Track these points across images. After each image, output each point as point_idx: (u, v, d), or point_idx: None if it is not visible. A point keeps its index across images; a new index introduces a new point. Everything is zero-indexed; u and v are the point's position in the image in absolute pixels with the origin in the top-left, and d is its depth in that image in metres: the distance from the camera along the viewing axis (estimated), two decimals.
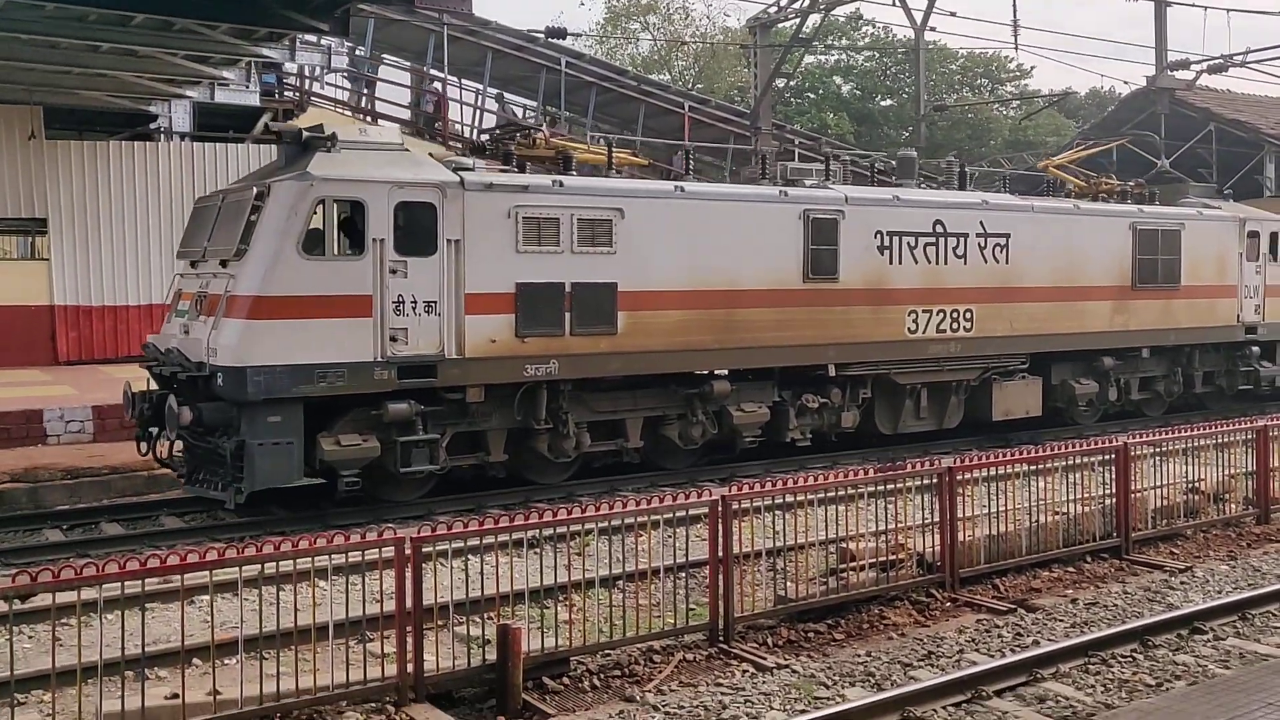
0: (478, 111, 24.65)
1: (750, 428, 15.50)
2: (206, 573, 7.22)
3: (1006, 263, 17.85)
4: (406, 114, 24.65)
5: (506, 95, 26.33)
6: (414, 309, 12.73)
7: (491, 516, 9.20)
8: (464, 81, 24.99)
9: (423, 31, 23.79)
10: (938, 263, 17.05)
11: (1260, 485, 13.22)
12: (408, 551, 7.79)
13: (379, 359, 12.53)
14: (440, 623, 8.30)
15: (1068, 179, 21.53)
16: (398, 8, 19.55)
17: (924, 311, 16.89)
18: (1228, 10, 42.62)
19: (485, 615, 8.52)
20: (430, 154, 14.19)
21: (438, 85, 24.40)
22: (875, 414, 17.02)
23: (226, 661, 7.87)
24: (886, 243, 16.48)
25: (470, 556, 10.03)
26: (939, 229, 17.06)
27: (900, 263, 16.65)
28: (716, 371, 15.14)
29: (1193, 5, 30.70)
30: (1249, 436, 13.36)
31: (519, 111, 26.34)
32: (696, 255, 14.78)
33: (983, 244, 17.56)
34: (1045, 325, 18.41)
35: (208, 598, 7.66)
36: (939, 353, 17.17)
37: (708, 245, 14.87)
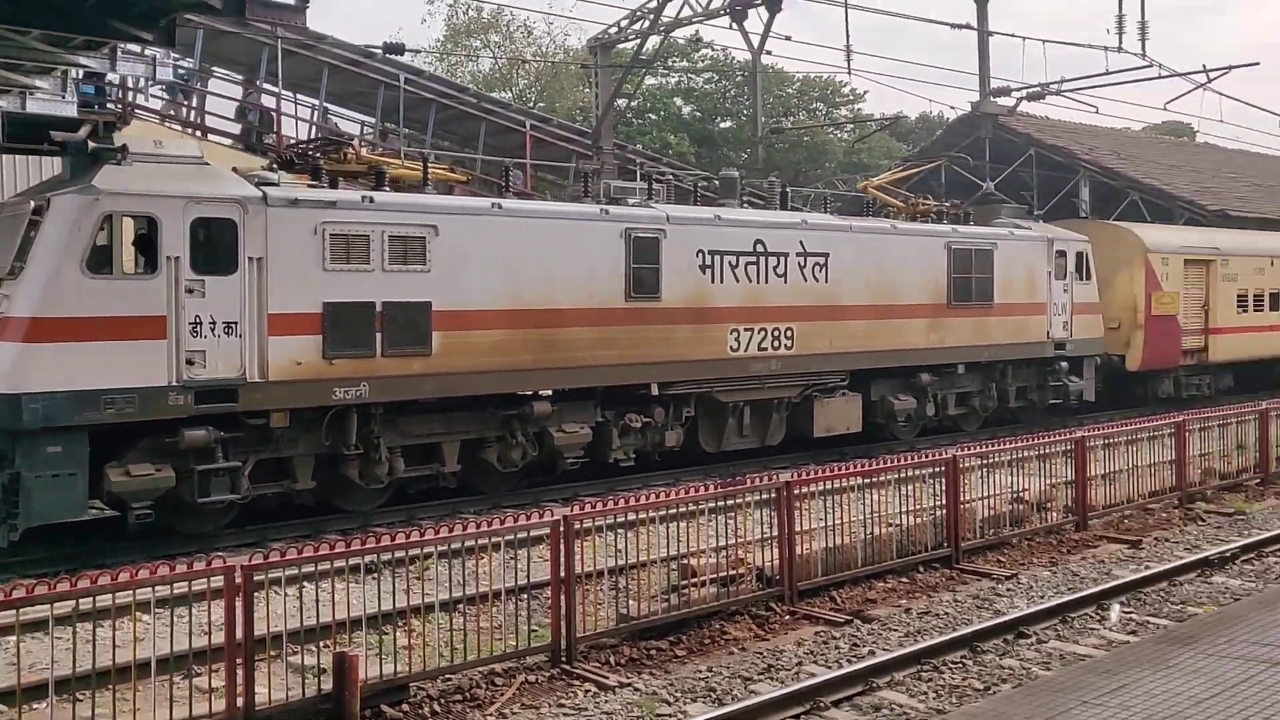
0: (311, 127, 24.01)
1: (572, 449, 15.31)
2: (11, 612, 6.78)
3: (826, 281, 18.09)
4: (237, 128, 23.85)
5: (335, 109, 25.69)
6: (213, 330, 12.17)
7: (328, 541, 8.91)
8: (299, 96, 24.37)
9: (255, 44, 23.07)
10: (759, 281, 17.20)
11: (1079, 494, 13.89)
12: (238, 580, 7.50)
13: (174, 383, 11.92)
14: (274, 653, 8.00)
15: (886, 199, 21.93)
16: (227, 19, 18.91)
17: (746, 330, 16.99)
18: (1043, 41, 44.96)
19: (321, 644, 8.25)
20: (234, 168, 13.68)
21: (264, 98, 23.66)
22: (699, 432, 17.05)
23: (35, 706, 7.40)
24: (708, 261, 16.56)
25: (305, 584, 9.72)
26: (760, 248, 17.21)
27: (722, 281, 16.73)
28: (538, 392, 14.95)
29: (1011, 36, 32.36)
30: (1068, 447, 14.03)
31: (356, 128, 25.79)
32: (515, 274, 14.55)
33: (803, 263, 17.76)
34: (865, 342, 18.71)
35: (14, 638, 7.18)
36: (761, 370, 17.28)
37: (527, 263, 14.66)
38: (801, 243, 17.78)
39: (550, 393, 15.11)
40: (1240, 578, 11.60)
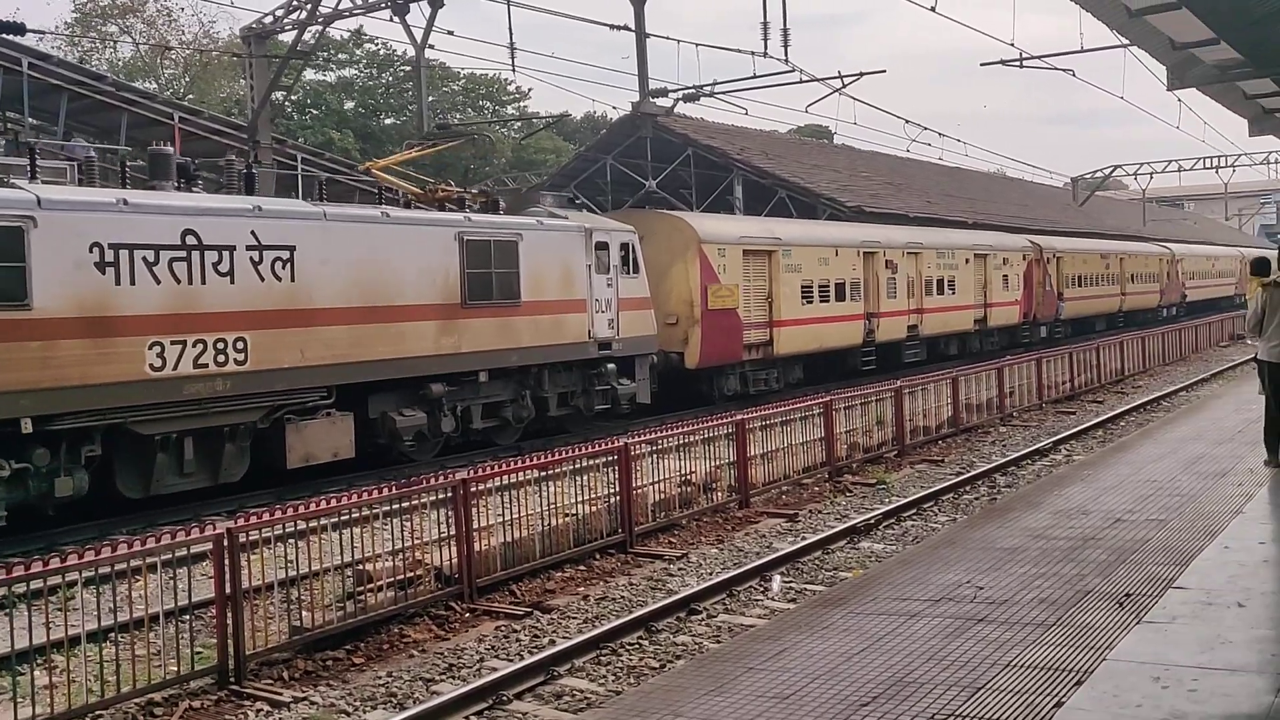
0: None
1: None
2: None
3: (292, 280, 15.12)
4: None
5: None
6: None
7: None
8: None
9: None
10: (192, 282, 14.03)
11: (741, 474, 14.66)
12: None
13: None
14: None
15: (394, 182, 19.71)
16: None
17: (174, 343, 13.78)
18: (697, 45, 47.34)
19: None
20: None
21: None
22: (116, 475, 13.76)
23: None
24: (111, 258, 13.25)
25: None
26: (192, 241, 14.05)
27: (134, 283, 13.43)
28: None
29: (668, 39, 33.76)
30: (730, 430, 14.78)
31: None
32: None
33: (257, 258, 14.74)
34: (351, 352, 15.83)
35: None
36: (201, 392, 14.10)
37: None
38: (255, 234, 14.73)
39: None
40: (883, 542, 12.64)
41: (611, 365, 20.54)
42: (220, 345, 14.29)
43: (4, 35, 20.73)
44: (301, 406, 15.42)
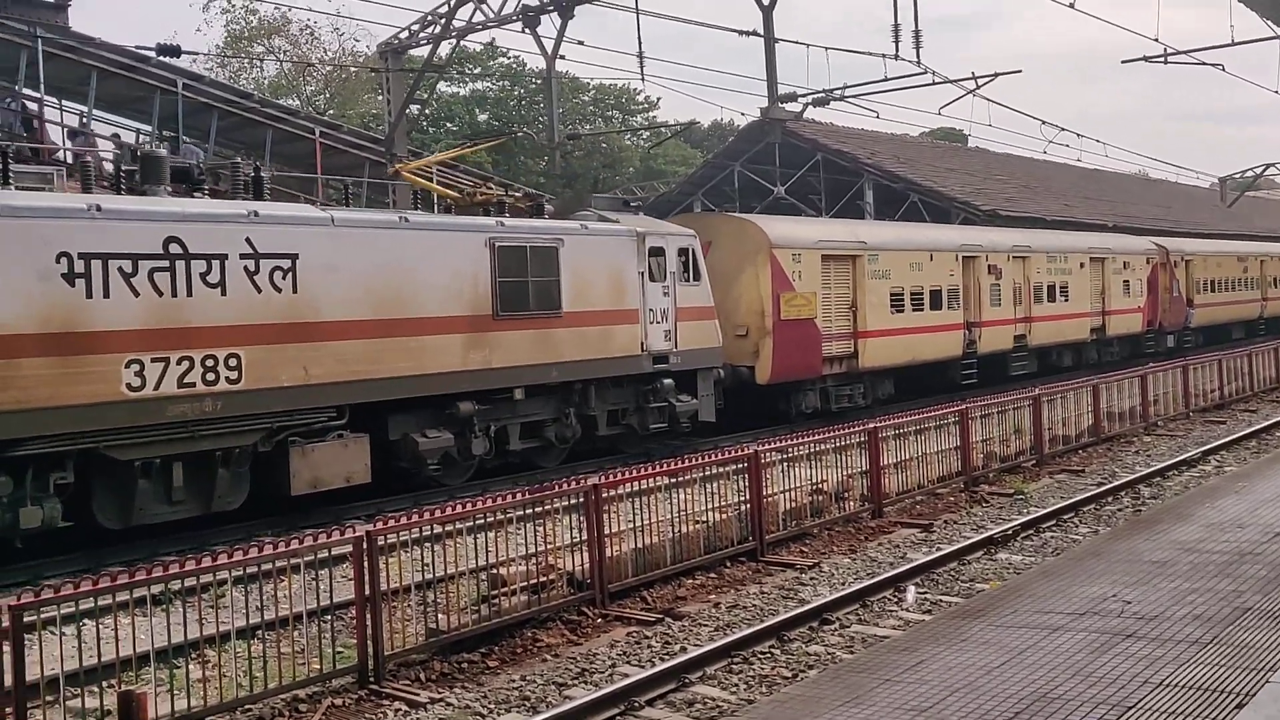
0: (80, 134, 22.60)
1: None
2: None
3: (294, 291, 13.87)
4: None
5: (108, 116, 24.12)
6: None
7: (109, 574, 8.35)
8: (64, 102, 22.91)
9: (12, 46, 21.58)
10: (177, 294, 12.85)
11: (874, 483, 14.43)
12: (5, 622, 6.93)
13: None
14: (49, 699, 7.44)
15: (427, 185, 18.72)
16: None
17: (156, 361, 12.60)
18: (826, 49, 46.69)
19: (105, 684, 7.73)
20: None
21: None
22: (94, 503, 12.64)
23: None
24: (82, 269, 12.12)
25: (85, 621, 9.12)
26: (176, 249, 12.90)
27: (109, 296, 12.30)
28: None
29: (797, 43, 33.53)
30: (862, 438, 14.56)
31: (131, 136, 24.42)
32: None
33: (253, 267, 13.52)
34: (364, 368, 14.52)
35: None
36: (188, 414, 12.87)
37: None
38: (250, 241, 13.53)
39: None
40: (1022, 553, 12.27)
41: (669, 380, 18.69)
42: (210, 363, 13.08)
43: (162, 58, 21.73)
44: (308, 428, 14.15)
